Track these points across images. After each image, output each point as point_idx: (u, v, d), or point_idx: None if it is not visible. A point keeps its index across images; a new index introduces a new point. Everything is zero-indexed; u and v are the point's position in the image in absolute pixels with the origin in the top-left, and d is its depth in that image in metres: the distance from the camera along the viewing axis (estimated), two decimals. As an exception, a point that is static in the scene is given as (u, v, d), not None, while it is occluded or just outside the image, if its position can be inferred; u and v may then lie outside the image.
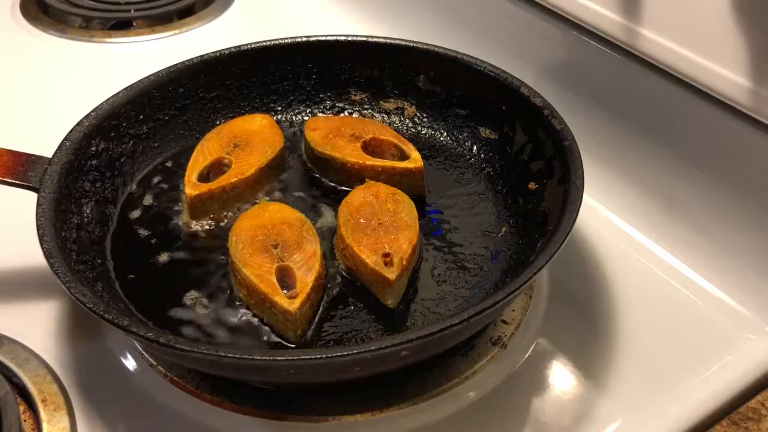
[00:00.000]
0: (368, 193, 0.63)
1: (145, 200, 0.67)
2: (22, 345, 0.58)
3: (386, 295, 0.58)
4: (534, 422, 0.55)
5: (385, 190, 0.64)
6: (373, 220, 0.61)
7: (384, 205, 0.62)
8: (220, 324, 0.57)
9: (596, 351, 0.59)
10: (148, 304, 0.58)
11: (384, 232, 0.60)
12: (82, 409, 0.55)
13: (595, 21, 0.68)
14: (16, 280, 0.65)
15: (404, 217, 0.61)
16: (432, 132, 0.74)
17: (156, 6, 1.01)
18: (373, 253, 0.58)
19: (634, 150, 0.71)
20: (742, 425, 0.54)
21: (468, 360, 0.58)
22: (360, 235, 0.59)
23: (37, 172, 0.60)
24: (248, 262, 0.58)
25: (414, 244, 0.59)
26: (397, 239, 0.59)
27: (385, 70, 0.74)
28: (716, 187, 0.65)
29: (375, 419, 0.55)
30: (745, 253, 0.63)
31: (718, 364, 0.58)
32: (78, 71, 0.92)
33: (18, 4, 1.03)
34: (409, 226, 0.60)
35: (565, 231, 0.53)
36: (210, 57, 0.72)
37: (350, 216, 0.61)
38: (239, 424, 0.55)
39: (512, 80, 0.67)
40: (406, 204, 0.63)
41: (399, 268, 0.57)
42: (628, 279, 0.65)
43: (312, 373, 0.51)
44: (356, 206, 0.62)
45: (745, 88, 0.58)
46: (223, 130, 0.70)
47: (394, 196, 0.63)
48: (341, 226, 0.61)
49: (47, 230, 0.55)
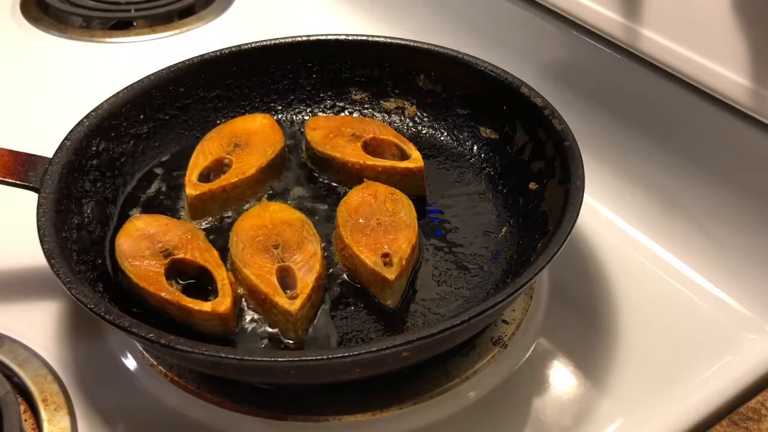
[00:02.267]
0: (367, 193, 0.63)
1: (146, 200, 0.67)
2: (22, 345, 0.59)
3: (385, 295, 0.58)
4: (534, 422, 0.55)
5: (384, 190, 0.64)
6: (372, 220, 0.61)
7: (383, 205, 0.62)
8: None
9: (596, 351, 0.59)
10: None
11: (383, 232, 0.60)
12: (83, 409, 0.55)
13: (595, 21, 0.68)
14: (17, 280, 0.65)
15: (403, 216, 0.61)
16: (432, 132, 0.74)
17: (156, 6, 1.01)
18: (373, 253, 0.58)
19: (634, 150, 0.71)
20: (742, 425, 0.54)
21: (468, 360, 0.58)
22: (359, 235, 0.59)
23: (38, 172, 0.60)
24: (249, 262, 0.58)
25: (413, 244, 0.59)
26: (396, 239, 0.59)
27: (386, 70, 0.74)
28: (716, 186, 0.65)
29: (375, 419, 0.55)
30: (745, 253, 0.63)
31: (718, 364, 0.58)
32: (78, 71, 0.92)
33: (18, 4, 1.03)
34: (408, 226, 0.60)
35: (565, 231, 0.53)
36: (210, 57, 0.72)
37: (349, 216, 0.61)
38: (240, 424, 0.55)
39: (513, 80, 0.67)
40: (404, 204, 0.63)
41: (398, 268, 0.57)
42: (629, 279, 0.65)
43: (312, 374, 0.51)
44: (355, 206, 0.62)
45: (745, 88, 0.58)
46: (223, 129, 0.70)
47: (393, 196, 0.63)
48: (340, 226, 0.61)
49: (48, 230, 0.55)
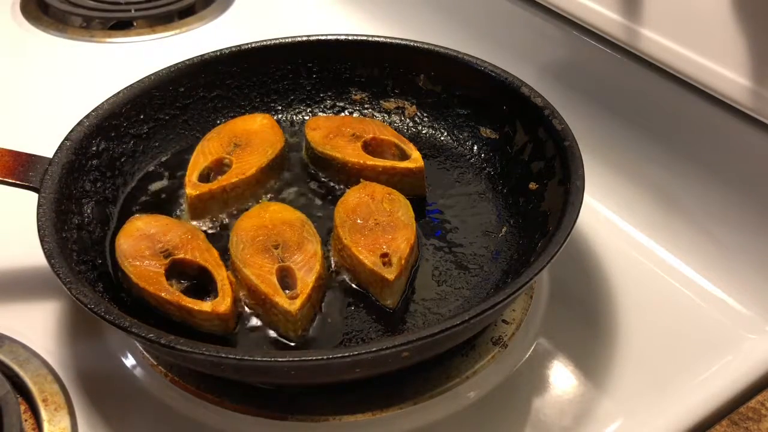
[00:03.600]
0: (364, 194, 0.63)
1: (146, 200, 0.67)
2: (23, 345, 0.59)
3: (385, 295, 0.58)
4: (534, 422, 0.55)
5: (381, 190, 0.64)
6: (370, 220, 0.61)
7: (380, 205, 0.62)
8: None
9: (596, 351, 0.59)
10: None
11: (381, 232, 0.60)
12: (83, 409, 0.55)
13: (595, 21, 0.68)
14: (17, 280, 0.65)
15: (401, 216, 0.61)
16: (432, 132, 0.74)
17: (156, 6, 1.01)
18: (371, 253, 0.58)
19: (634, 150, 0.71)
20: (742, 425, 0.54)
21: (468, 360, 0.58)
22: (357, 235, 0.59)
23: (38, 173, 0.60)
24: (249, 262, 0.58)
25: (412, 244, 0.59)
26: (395, 239, 0.59)
27: (386, 70, 0.74)
28: (716, 186, 0.65)
29: (375, 419, 0.55)
30: (745, 253, 0.63)
31: (718, 364, 0.58)
32: (78, 71, 0.92)
33: (18, 4, 1.03)
34: (407, 225, 0.60)
35: (565, 232, 0.53)
36: (210, 56, 0.72)
37: (347, 217, 0.61)
38: (240, 424, 0.55)
39: (513, 80, 0.67)
40: (402, 203, 0.63)
41: (398, 267, 0.57)
42: (629, 279, 0.65)
43: (313, 374, 0.51)
44: (352, 207, 0.62)
45: (745, 88, 0.58)
46: (223, 129, 0.70)
47: (390, 196, 0.63)
48: (338, 227, 0.60)
49: (48, 230, 0.55)
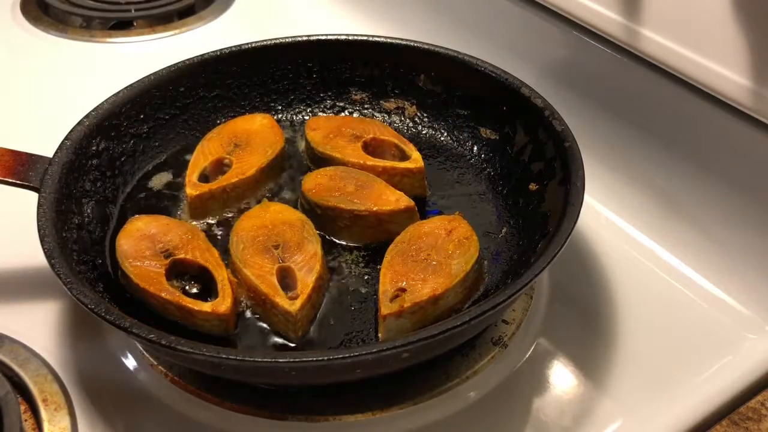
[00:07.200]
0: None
1: (146, 200, 0.67)
2: (23, 345, 0.58)
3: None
4: (534, 422, 0.55)
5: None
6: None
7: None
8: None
9: (596, 351, 0.59)
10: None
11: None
12: (83, 409, 0.55)
13: (595, 21, 0.68)
14: (17, 280, 0.65)
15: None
16: (432, 132, 0.74)
17: (156, 6, 1.01)
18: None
19: (634, 150, 0.71)
20: (742, 425, 0.54)
21: (468, 360, 0.58)
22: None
23: (38, 172, 0.60)
24: (249, 262, 0.58)
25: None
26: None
27: (386, 70, 0.74)
28: (717, 186, 0.65)
29: (375, 419, 0.55)
30: (745, 253, 0.63)
31: (718, 364, 0.58)
32: (78, 71, 0.92)
33: (18, 4, 1.03)
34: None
35: (566, 233, 0.53)
36: (210, 56, 0.72)
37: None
38: (240, 424, 0.55)
39: (513, 80, 0.67)
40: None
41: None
42: (629, 279, 0.65)
43: (313, 374, 0.51)
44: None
45: (745, 88, 0.58)
46: (223, 129, 0.70)
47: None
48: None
49: (48, 230, 0.55)
